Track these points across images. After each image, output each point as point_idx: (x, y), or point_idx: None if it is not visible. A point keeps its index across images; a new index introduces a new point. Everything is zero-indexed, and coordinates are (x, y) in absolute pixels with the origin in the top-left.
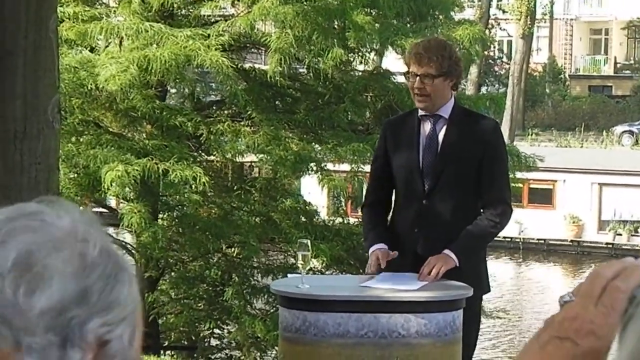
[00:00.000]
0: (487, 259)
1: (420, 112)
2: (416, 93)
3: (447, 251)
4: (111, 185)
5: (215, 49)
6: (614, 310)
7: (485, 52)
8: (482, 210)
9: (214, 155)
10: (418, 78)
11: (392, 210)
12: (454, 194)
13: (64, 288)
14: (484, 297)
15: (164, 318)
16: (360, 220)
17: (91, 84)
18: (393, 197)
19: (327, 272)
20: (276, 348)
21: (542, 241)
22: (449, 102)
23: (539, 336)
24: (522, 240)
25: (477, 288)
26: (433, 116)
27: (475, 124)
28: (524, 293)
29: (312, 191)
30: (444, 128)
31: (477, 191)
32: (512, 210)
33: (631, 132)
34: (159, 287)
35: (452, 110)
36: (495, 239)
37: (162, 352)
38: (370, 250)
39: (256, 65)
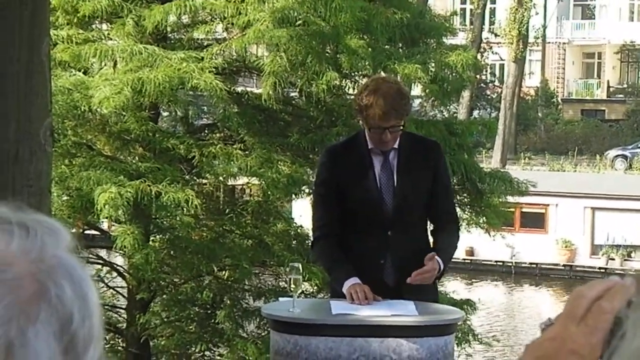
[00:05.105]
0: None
1: (370, 145)
2: (383, 141)
3: (438, 259)
4: (104, 207)
5: (209, 72)
6: (597, 330)
7: (478, 76)
8: (440, 226)
9: (206, 178)
10: (386, 131)
11: (349, 241)
12: (416, 221)
13: None
14: (477, 321)
15: (156, 340)
16: None
17: (84, 106)
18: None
19: (319, 296)
20: None
21: (535, 265)
22: None
23: None
24: (514, 264)
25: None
26: None
27: (423, 150)
28: (516, 317)
29: (304, 214)
30: (396, 159)
31: (429, 213)
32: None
33: (624, 156)
34: (150, 309)
35: (399, 139)
36: (488, 262)
37: None
38: (349, 283)
39: (248, 89)
